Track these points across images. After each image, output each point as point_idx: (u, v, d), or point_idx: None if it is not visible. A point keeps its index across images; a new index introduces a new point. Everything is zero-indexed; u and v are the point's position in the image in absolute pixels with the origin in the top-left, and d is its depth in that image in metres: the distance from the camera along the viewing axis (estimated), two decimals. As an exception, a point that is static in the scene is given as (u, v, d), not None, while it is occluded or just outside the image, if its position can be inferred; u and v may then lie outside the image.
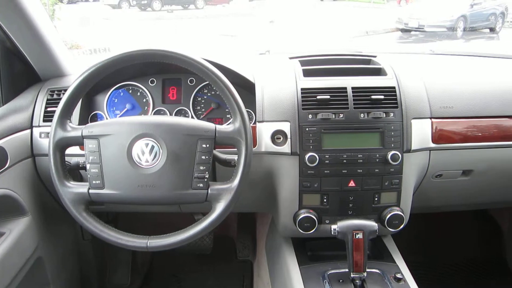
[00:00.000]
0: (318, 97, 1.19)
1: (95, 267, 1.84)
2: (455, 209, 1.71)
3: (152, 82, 1.39)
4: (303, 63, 1.34)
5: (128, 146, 1.01)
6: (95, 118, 1.38)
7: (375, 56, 1.40)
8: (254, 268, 2.06)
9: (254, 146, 1.19)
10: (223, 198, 1.02)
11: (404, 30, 11.53)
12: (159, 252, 1.11)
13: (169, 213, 1.53)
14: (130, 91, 1.40)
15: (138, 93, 1.40)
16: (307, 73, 1.27)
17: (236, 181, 1.02)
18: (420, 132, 1.23)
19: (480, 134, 1.30)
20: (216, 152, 1.10)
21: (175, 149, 1.00)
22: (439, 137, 1.26)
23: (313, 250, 1.37)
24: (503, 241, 2.06)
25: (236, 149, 1.04)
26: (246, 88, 1.29)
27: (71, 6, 10.68)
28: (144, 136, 1.01)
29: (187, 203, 1.05)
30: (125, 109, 1.38)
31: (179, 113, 1.37)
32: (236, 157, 1.05)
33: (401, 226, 1.24)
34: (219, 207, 1.02)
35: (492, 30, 12.44)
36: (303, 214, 1.22)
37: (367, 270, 1.15)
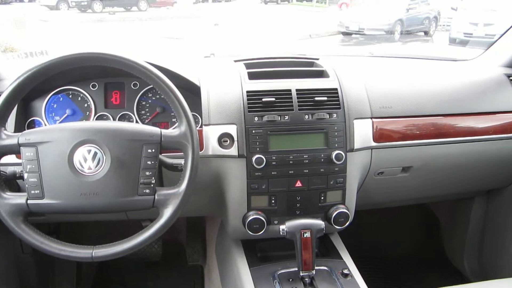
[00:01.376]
0: (263, 99, 1.21)
1: (37, 282, 1.75)
2: (397, 204, 1.79)
3: (93, 86, 1.34)
4: (248, 66, 1.35)
5: (69, 153, 0.97)
6: (32, 125, 1.31)
7: (317, 59, 1.44)
8: (205, 273, 2.04)
9: (201, 149, 1.19)
10: (170, 203, 1.01)
11: (345, 33, 11.92)
12: (106, 262, 1.07)
13: (115, 221, 1.48)
14: (70, 96, 1.34)
15: (79, 98, 1.34)
16: (252, 76, 1.28)
17: (183, 186, 1.01)
18: (362, 132, 1.28)
19: (417, 132, 1.37)
20: (162, 156, 1.08)
21: (119, 155, 0.98)
22: (379, 136, 1.32)
23: (263, 251, 1.38)
24: (441, 233, 2.18)
25: (182, 153, 1.03)
26: (192, 91, 1.28)
27: (4, 7, 10.12)
28: (86, 143, 0.98)
29: (134, 209, 1.02)
30: (65, 115, 1.33)
31: (123, 118, 1.33)
32: (183, 161, 1.04)
33: (347, 223, 1.28)
34: (167, 213, 1.00)
35: (426, 33, 13.14)
36: (252, 215, 1.22)
37: (316, 267, 1.17)
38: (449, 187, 1.67)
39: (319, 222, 1.17)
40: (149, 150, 0.99)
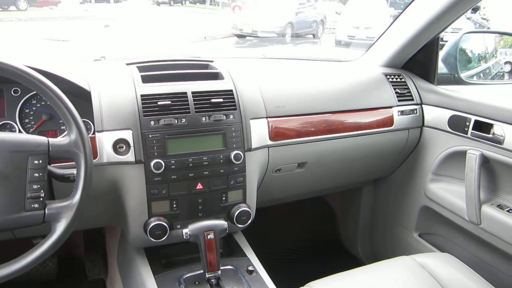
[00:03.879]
0: (159, 103, 1.18)
1: None
2: (295, 198, 1.87)
3: None
4: (141, 69, 1.31)
5: None
6: None
7: (212, 61, 1.45)
8: (108, 286, 1.95)
9: (95, 157, 1.13)
10: (63, 216, 0.94)
11: (239, 36, 12.18)
12: None
13: (2, 241, 1.35)
14: None
15: None
16: (146, 79, 1.25)
17: (77, 197, 0.95)
18: (258, 131, 1.32)
19: (310, 129, 1.45)
20: (52, 167, 1.00)
21: (1, 168, 0.89)
22: (275, 134, 1.37)
23: (168, 257, 1.35)
24: (337, 222, 2.33)
25: (74, 163, 0.97)
26: (81, 96, 1.21)
27: None
28: None
29: (22, 227, 0.93)
30: None
31: (3, 128, 1.21)
32: (75, 171, 0.98)
33: (249, 221, 1.31)
34: (60, 227, 0.93)
35: (314, 36, 13.93)
36: (154, 222, 1.19)
37: (221, 267, 1.18)
38: (341, 179, 1.80)
39: (222, 223, 1.18)
40: (36, 162, 0.91)
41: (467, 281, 1.19)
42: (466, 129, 1.51)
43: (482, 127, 1.47)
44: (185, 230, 1.14)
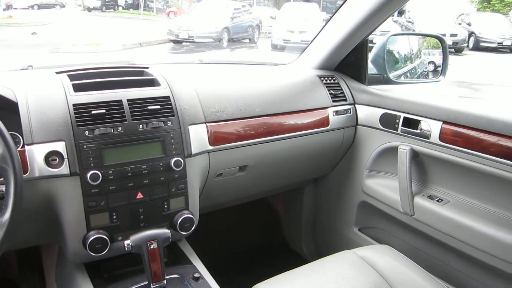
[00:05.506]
0: (93, 112, 1.14)
1: None
2: (239, 202, 1.88)
3: None
4: (72, 77, 1.26)
5: None
6: None
7: (147, 68, 1.43)
8: None
9: (25, 172, 1.07)
10: None
11: (175, 41, 12.06)
12: None
13: None
14: None
15: None
16: (78, 88, 1.20)
17: (6, 215, 0.89)
18: (198, 137, 1.31)
19: (250, 132, 1.46)
20: None
21: None
22: (215, 139, 1.37)
23: (110, 271, 1.31)
24: (281, 223, 2.37)
25: (2, 179, 0.91)
26: (7, 108, 1.14)
27: None
28: None
29: None
30: None
31: None
32: (4, 188, 0.92)
33: (193, 228, 1.29)
34: None
35: (251, 40, 14.10)
36: (93, 235, 1.15)
37: (166, 277, 1.16)
38: (282, 180, 1.83)
39: (165, 231, 1.15)
40: None
41: (405, 270, 1.25)
42: (396, 126, 1.60)
43: (411, 123, 1.56)
44: (126, 242, 1.11)
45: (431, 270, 1.28)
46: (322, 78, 1.74)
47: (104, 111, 1.16)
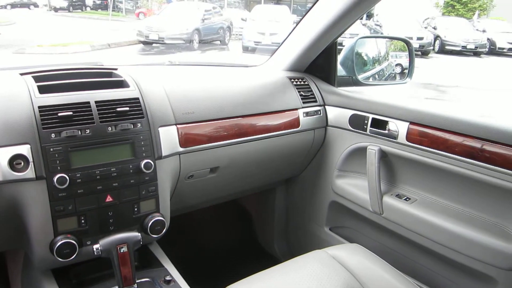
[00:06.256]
0: (59, 114, 1.12)
1: None
2: (211, 204, 1.87)
3: None
4: (37, 79, 1.23)
5: None
6: None
7: (116, 69, 1.41)
8: None
9: None
10: None
11: (145, 43, 11.93)
12: None
13: None
14: None
15: None
16: (43, 90, 1.17)
17: None
18: (168, 139, 1.30)
19: (221, 134, 1.46)
20: None
21: None
22: (185, 141, 1.36)
23: (79, 276, 1.28)
24: (253, 224, 2.37)
25: None
26: None
27: None
28: None
29: None
30: None
31: None
32: None
33: (164, 231, 1.28)
34: None
35: (222, 42, 14.09)
36: (61, 240, 1.12)
37: (137, 281, 1.15)
38: (254, 181, 1.83)
39: (135, 234, 1.14)
40: None
41: (375, 268, 1.27)
42: (365, 126, 1.63)
43: (379, 124, 1.59)
44: (96, 246, 1.09)
45: (400, 268, 1.30)
46: (293, 80, 1.76)
47: (71, 113, 1.13)
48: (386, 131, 1.56)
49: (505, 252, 1.27)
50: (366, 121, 1.63)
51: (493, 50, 17.28)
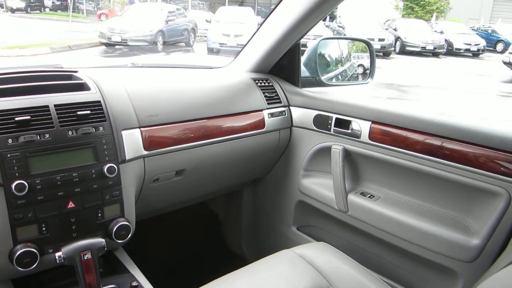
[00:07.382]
0: (16, 118, 1.08)
1: None
2: (178, 207, 1.85)
3: None
4: None
5: None
6: None
7: (76, 71, 1.37)
8: None
9: None
10: None
11: (108, 44, 11.68)
12: None
13: None
14: None
15: None
16: None
17: None
18: (132, 142, 1.28)
19: (185, 136, 1.45)
20: None
21: None
22: (149, 144, 1.34)
23: (41, 286, 1.24)
24: (221, 226, 2.36)
25: None
26: None
27: None
28: None
29: None
30: None
31: None
32: None
33: (129, 236, 1.26)
34: None
35: (186, 44, 13.98)
36: (20, 249, 1.08)
37: (103, 287, 1.12)
38: (221, 183, 1.83)
39: (99, 240, 1.11)
40: None
41: (341, 265, 1.30)
42: (329, 126, 1.66)
43: (342, 124, 1.62)
44: (58, 254, 1.06)
45: (366, 264, 1.33)
46: (257, 81, 1.76)
47: (29, 117, 1.10)
48: (350, 131, 1.59)
49: (465, 245, 1.32)
50: (330, 121, 1.66)
51: (451, 51, 18.00)
